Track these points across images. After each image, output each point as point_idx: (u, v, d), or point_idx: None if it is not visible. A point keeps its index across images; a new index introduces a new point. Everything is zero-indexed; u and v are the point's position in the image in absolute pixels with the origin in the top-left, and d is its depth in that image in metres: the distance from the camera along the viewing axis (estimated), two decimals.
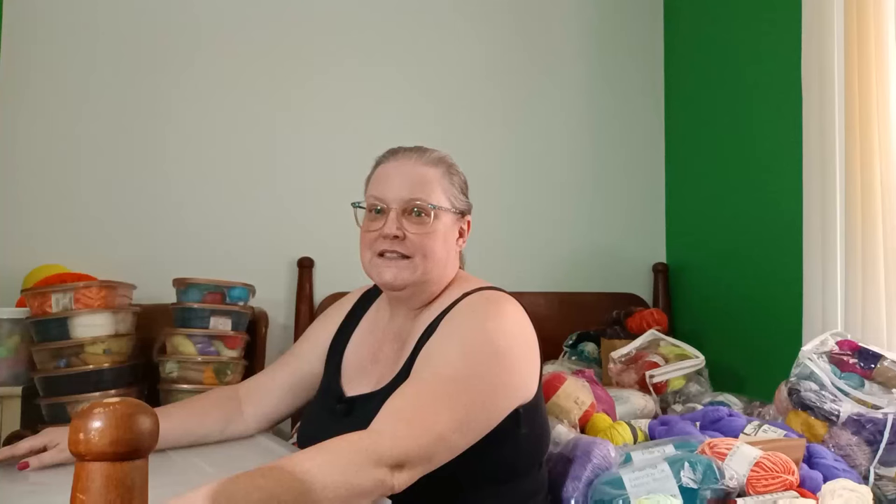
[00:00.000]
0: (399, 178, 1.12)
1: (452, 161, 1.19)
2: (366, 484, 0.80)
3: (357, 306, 1.28)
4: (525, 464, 1.08)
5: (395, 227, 1.09)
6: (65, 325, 1.79)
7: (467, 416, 0.93)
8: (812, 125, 1.86)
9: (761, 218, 2.23)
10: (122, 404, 0.54)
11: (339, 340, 1.23)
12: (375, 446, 0.83)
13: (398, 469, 0.84)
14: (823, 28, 1.82)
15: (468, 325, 1.02)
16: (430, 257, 1.10)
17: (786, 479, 1.14)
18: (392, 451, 0.84)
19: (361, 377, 1.14)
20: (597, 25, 2.76)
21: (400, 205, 1.10)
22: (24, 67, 2.26)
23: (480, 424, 0.96)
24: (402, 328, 1.16)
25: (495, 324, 1.02)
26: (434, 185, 1.12)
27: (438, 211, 1.11)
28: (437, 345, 1.02)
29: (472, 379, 0.96)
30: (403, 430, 0.87)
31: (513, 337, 1.03)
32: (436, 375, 0.95)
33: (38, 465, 1.08)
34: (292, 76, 2.46)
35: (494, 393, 0.98)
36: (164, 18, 2.38)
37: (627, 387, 1.97)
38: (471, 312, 1.05)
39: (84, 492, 0.52)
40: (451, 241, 1.15)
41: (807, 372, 1.58)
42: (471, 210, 1.21)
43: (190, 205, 2.35)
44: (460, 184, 1.18)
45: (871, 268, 1.70)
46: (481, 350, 0.99)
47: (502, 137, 2.63)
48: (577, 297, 2.58)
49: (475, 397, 0.95)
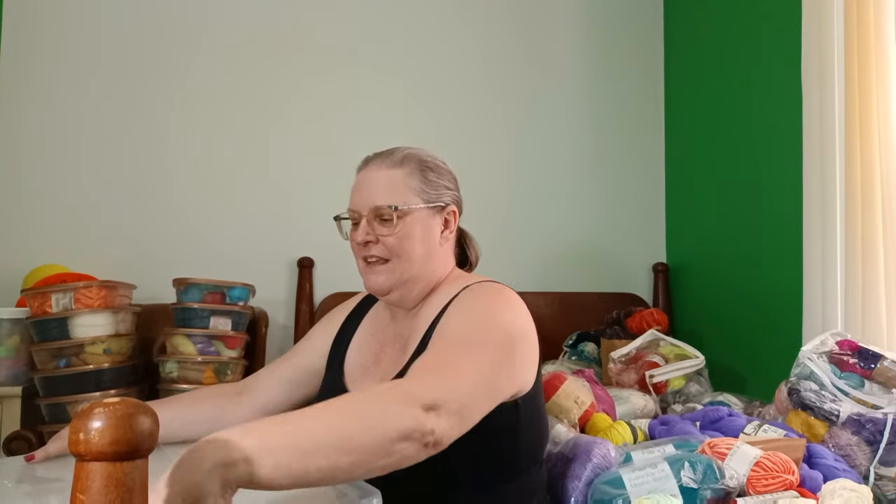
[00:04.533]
0: (366, 186, 1.15)
1: (425, 155, 1.19)
2: (405, 422, 0.77)
3: (358, 308, 1.30)
4: (524, 461, 1.09)
5: (366, 233, 1.13)
6: (65, 325, 1.79)
7: (490, 375, 0.93)
8: (812, 125, 1.86)
9: (761, 218, 2.23)
10: (122, 404, 0.54)
11: (342, 340, 1.24)
12: (409, 387, 0.83)
13: (433, 411, 0.81)
14: (823, 28, 1.82)
15: (476, 305, 1.05)
16: (404, 257, 1.12)
17: (786, 479, 1.14)
18: (425, 392, 0.81)
19: (365, 377, 1.16)
20: (597, 26, 2.76)
21: (369, 212, 1.13)
22: (24, 68, 2.26)
23: (502, 385, 0.97)
24: (403, 329, 1.17)
25: (501, 308, 1.05)
26: (397, 186, 1.13)
27: (404, 211, 1.12)
28: (447, 322, 1.03)
29: (488, 345, 0.97)
30: (432, 379, 0.86)
31: (515, 323, 1.04)
32: (451, 338, 0.97)
33: (43, 457, 1.09)
34: (293, 77, 2.46)
35: (509, 361, 0.99)
36: (164, 20, 2.38)
37: (627, 387, 1.97)
38: (476, 297, 1.07)
39: (84, 492, 0.52)
40: (432, 235, 1.16)
41: (807, 372, 1.58)
42: (456, 200, 1.21)
43: (190, 205, 2.35)
44: (436, 177, 1.18)
45: (871, 268, 1.69)
46: (491, 324, 1.01)
47: (502, 137, 2.63)
48: (577, 297, 2.58)
49: (493, 359, 0.96)
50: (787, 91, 2.06)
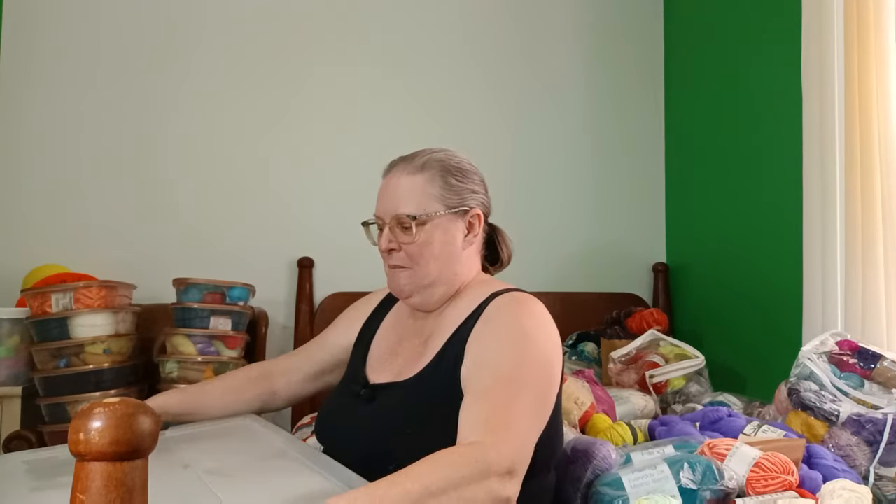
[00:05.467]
0: (387, 193, 1.17)
1: (446, 158, 1.19)
2: (481, 497, 0.83)
3: (384, 302, 1.32)
4: (537, 466, 1.08)
5: (388, 241, 1.15)
6: (65, 325, 1.79)
7: (536, 412, 1.00)
8: (812, 125, 1.86)
9: (761, 218, 2.23)
10: (122, 404, 0.54)
11: (367, 332, 1.28)
12: (484, 456, 0.86)
13: (509, 477, 0.88)
14: (823, 28, 1.82)
15: (508, 325, 1.07)
16: (423, 264, 1.14)
17: (785, 480, 1.14)
18: (500, 460, 0.87)
19: (383, 368, 1.18)
20: (596, 26, 2.76)
21: (391, 220, 1.15)
22: (24, 67, 2.26)
23: (545, 417, 1.02)
24: (424, 326, 1.19)
25: (531, 322, 1.07)
26: (416, 194, 1.14)
27: (423, 219, 1.13)
28: (484, 349, 1.05)
29: (529, 377, 1.00)
30: (501, 438, 0.90)
31: (548, 336, 1.08)
32: (498, 380, 0.99)
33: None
34: (293, 78, 2.46)
35: (548, 386, 1.04)
36: (164, 20, 2.38)
37: (627, 387, 1.97)
38: (506, 313, 1.09)
39: (84, 492, 0.53)
40: (454, 240, 1.17)
41: (807, 372, 1.58)
42: (483, 202, 1.22)
43: (190, 205, 2.35)
44: (459, 182, 1.18)
45: (871, 268, 1.69)
46: (526, 348, 1.04)
47: (502, 138, 2.63)
48: (577, 297, 2.58)
49: (536, 392, 1.01)
50: (787, 91, 2.06)
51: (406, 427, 1.04)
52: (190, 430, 1.21)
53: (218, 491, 0.85)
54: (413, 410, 1.06)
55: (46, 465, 1.09)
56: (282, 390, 1.32)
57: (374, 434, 1.07)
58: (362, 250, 2.43)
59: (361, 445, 1.07)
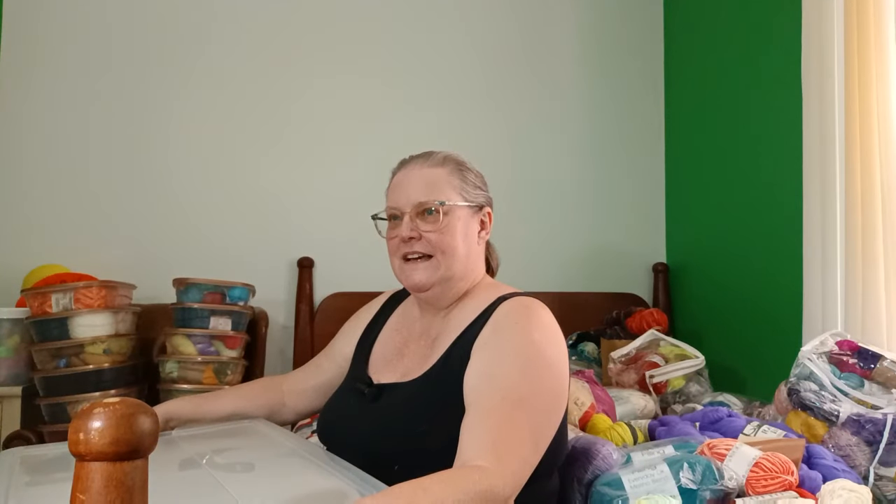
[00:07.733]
0: (408, 184, 1.17)
1: (462, 158, 1.22)
2: None
3: (385, 306, 1.32)
4: (543, 469, 1.08)
5: (410, 229, 1.14)
6: (65, 325, 1.79)
7: (541, 435, 1.00)
8: (812, 125, 1.86)
9: (761, 218, 2.23)
10: (122, 404, 0.54)
11: (368, 337, 1.28)
12: (491, 485, 0.87)
13: (510, 499, 0.90)
14: (823, 28, 1.82)
15: (518, 339, 1.06)
16: (448, 253, 1.14)
17: (785, 480, 1.14)
18: (504, 489, 0.89)
19: (387, 369, 1.18)
20: (596, 27, 2.76)
21: (412, 209, 1.15)
22: (24, 68, 2.26)
23: (549, 438, 1.03)
24: (431, 326, 1.19)
25: (541, 334, 1.06)
26: (441, 183, 1.16)
27: (449, 207, 1.14)
28: (493, 362, 1.04)
29: (538, 396, 1.01)
30: (507, 466, 0.91)
31: (557, 348, 1.08)
32: (507, 400, 0.99)
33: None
34: (294, 79, 2.46)
35: (556, 402, 1.04)
36: (165, 20, 2.38)
37: (627, 387, 1.97)
38: (516, 323, 1.08)
39: (84, 492, 0.53)
40: (471, 235, 1.18)
41: (806, 372, 1.58)
42: (491, 202, 1.24)
43: (190, 205, 2.35)
44: (474, 178, 1.21)
45: (871, 268, 1.70)
46: (536, 364, 1.03)
47: (502, 139, 2.63)
48: (577, 297, 2.58)
49: (542, 412, 1.01)
50: (787, 90, 2.06)
51: (411, 427, 1.04)
52: (199, 430, 1.21)
53: (232, 489, 0.85)
54: (418, 411, 1.06)
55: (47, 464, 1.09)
56: (291, 402, 1.33)
57: (379, 434, 1.07)
58: (362, 250, 2.45)
59: (366, 445, 1.07)
